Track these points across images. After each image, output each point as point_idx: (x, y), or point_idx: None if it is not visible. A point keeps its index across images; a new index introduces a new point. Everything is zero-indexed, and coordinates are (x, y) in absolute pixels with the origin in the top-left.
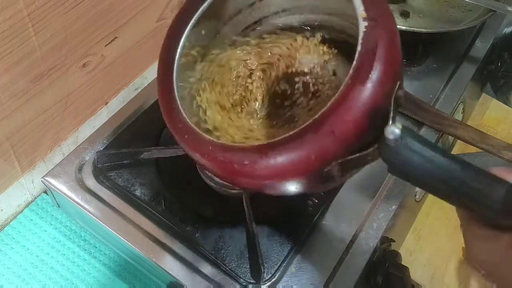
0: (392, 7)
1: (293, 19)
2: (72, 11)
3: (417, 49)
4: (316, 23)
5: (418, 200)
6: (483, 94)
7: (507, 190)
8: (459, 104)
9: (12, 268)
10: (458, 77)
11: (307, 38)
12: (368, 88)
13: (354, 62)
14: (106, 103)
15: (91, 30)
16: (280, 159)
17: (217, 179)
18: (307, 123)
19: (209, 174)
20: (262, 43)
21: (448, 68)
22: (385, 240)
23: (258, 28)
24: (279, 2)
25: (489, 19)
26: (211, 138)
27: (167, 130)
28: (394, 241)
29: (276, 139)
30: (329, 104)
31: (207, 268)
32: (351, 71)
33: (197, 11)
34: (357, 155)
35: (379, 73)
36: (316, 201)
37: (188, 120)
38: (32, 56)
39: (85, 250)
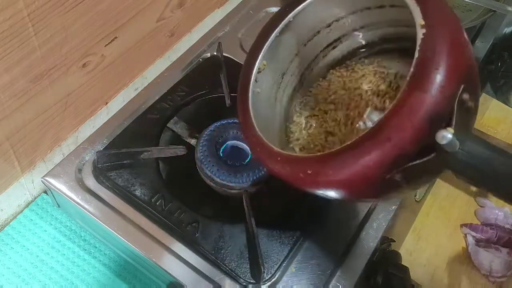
0: None
1: (373, 35)
2: (72, 11)
3: None
4: (395, 36)
5: (418, 200)
6: (483, 94)
7: None
8: None
9: (12, 268)
10: None
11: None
12: (425, 94)
13: (412, 69)
14: (106, 103)
15: (91, 30)
16: (339, 168)
17: (217, 179)
18: (365, 132)
19: (209, 174)
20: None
21: None
22: (385, 240)
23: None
24: (354, 21)
25: (489, 19)
26: (279, 150)
27: (167, 130)
28: (394, 241)
29: (335, 149)
30: (386, 112)
31: (207, 268)
32: (408, 78)
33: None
34: (417, 161)
35: (437, 79)
36: (317, 201)
37: (260, 133)
38: (32, 56)
39: (85, 250)
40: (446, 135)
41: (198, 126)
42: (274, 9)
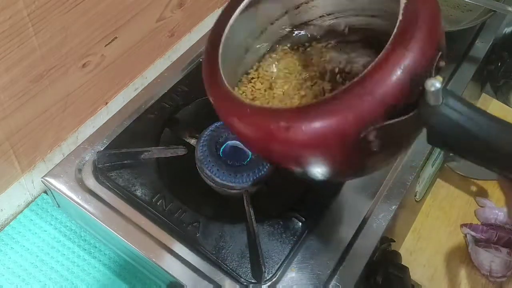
0: None
1: (338, 22)
2: (72, 11)
3: None
4: (360, 27)
5: (418, 200)
6: (483, 94)
7: None
8: None
9: (12, 268)
10: (458, 77)
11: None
12: (408, 52)
13: (395, 30)
14: (106, 103)
15: (91, 30)
16: (317, 120)
17: (217, 179)
18: (346, 85)
19: (209, 174)
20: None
21: (448, 68)
22: (385, 240)
23: (302, 32)
24: (324, 5)
25: (489, 19)
26: (250, 102)
27: (167, 130)
28: (394, 241)
29: (314, 101)
30: (369, 67)
31: (207, 268)
32: (392, 37)
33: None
34: (394, 120)
35: (419, 39)
36: (317, 200)
37: (229, 87)
38: (32, 56)
39: (85, 250)
40: (435, 83)
41: (198, 126)
42: None
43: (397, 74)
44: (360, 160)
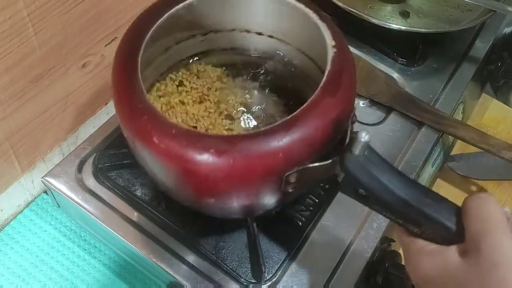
0: (392, 7)
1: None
2: (72, 11)
3: (417, 49)
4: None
5: None
6: (483, 94)
7: (456, 212)
8: (459, 104)
9: (12, 268)
10: (458, 77)
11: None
12: (335, 101)
13: (324, 78)
14: (106, 103)
15: (91, 30)
16: (249, 151)
17: None
18: (278, 122)
19: None
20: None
21: (448, 68)
22: (385, 240)
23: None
24: (227, 39)
25: (489, 19)
26: (177, 123)
27: None
28: (394, 241)
29: (248, 133)
30: (300, 109)
31: (207, 268)
32: (321, 84)
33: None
34: (316, 164)
35: (344, 90)
36: (317, 200)
37: (150, 101)
38: (32, 56)
39: (85, 250)
40: (366, 135)
41: None
42: None
43: (325, 119)
44: (277, 196)
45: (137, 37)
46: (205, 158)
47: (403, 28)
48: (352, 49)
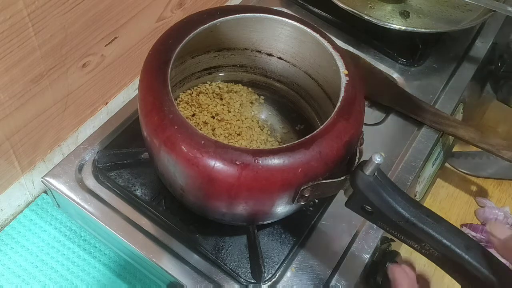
0: (392, 7)
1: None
2: (72, 11)
3: (417, 49)
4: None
5: (418, 200)
6: (483, 94)
7: (456, 231)
8: (459, 104)
9: (12, 268)
10: (458, 77)
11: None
12: (348, 125)
13: (339, 104)
14: (106, 103)
15: (91, 30)
16: (272, 165)
17: None
18: (298, 141)
19: None
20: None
21: (448, 68)
22: (385, 240)
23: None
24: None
25: (489, 19)
26: (205, 134)
27: None
28: (394, 241)
29: (271, 148)
30: (318, 130)
31: (207, 268)
32: (336, 109)
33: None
34: (329, 180)
35: (356, 115)
36: (316, 201)
37: (181, 112)
38: (32, 56)
39: (85, 250)
40: (380, 157)
41: None
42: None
43: (339, 141)
44: (289, 208)
45: (166, 51)
46: (231, 169)
47: (403, 28)
48: (352, 49)
